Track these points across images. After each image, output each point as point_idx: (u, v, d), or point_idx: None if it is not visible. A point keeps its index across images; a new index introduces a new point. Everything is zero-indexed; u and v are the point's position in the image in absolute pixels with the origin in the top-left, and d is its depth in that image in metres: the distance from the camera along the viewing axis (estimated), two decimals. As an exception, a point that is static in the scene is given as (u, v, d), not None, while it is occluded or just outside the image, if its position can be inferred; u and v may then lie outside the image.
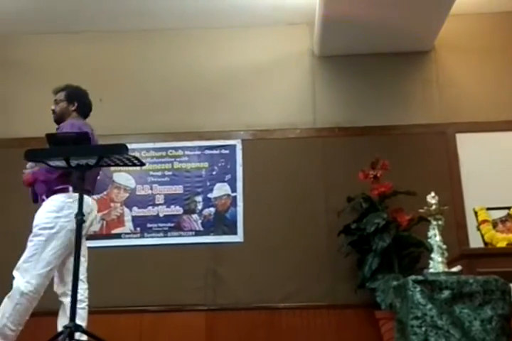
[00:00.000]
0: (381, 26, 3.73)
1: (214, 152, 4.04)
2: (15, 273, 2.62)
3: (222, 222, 3.90)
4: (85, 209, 2.46)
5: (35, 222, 2.71)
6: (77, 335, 2.31)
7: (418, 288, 1.90)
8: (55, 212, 2.71)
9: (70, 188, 2.73)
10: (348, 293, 3.63)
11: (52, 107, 3.03)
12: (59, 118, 2.97)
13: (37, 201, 2.83)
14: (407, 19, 3.67)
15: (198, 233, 3.89)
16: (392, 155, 3.77)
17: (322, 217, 3.84)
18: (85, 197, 2.56)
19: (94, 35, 4.29)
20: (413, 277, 1.95)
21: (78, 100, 3.00)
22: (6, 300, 2.59)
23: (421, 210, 2.21)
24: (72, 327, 2.27)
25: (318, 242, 3.79)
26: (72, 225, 2.46)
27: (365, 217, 3.56)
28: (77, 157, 2.33)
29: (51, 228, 2.68)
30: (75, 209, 2.39)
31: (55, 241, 2.66)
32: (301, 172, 3.97)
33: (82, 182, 2.42)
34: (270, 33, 4.26)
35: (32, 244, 2.66)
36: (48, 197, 2.76)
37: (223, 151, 4.04)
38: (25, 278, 2.58)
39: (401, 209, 3.53)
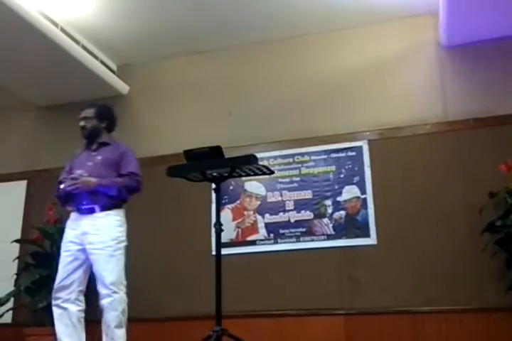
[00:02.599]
0: (510, 7, 3.44)
1: (340, 155, 4.01)
2: (112, 287, 2.87)
3: (353, 225, 3.85)
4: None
5: (107, 237, 2.95)
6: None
7: None
8: (121, 226, 3.03)
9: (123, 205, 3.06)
10: (497, 295, 3.37)
11: (81, 124, 3.18)
12: (90, 135, 3.19)
13: (66, 206, 3.10)
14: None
15: (329, 237, 3.88)
16: (536, 143, 3.45)
17: (462, 215, 3.61)
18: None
19: (215, 53, 4.52)
20: None
21: (108, 118, 3.22)
22: (117, 313, 2.87)
23: None
24: (219, 331, 2.40)
25: (460, 242, 3.57)
26: None
27: (511, 213, 3.30)
28: (212, 170, 2.48)
29: (124, 241, 3.01)
30: None
31: (124, 253, 3.00)
32: (434, 170, 3.78)
33: (219, 193, 2.57)
34: (391, 28, 4.13)
35: (116, 258, 2.93)
36: (102, 209, 2.99)
37: (349, 153, 3.99)
38: (123, 290, 2.91)
39: (552, 202, 3.21)
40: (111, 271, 2.89)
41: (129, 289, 2.98)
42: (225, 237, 3.69)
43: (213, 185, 2.70)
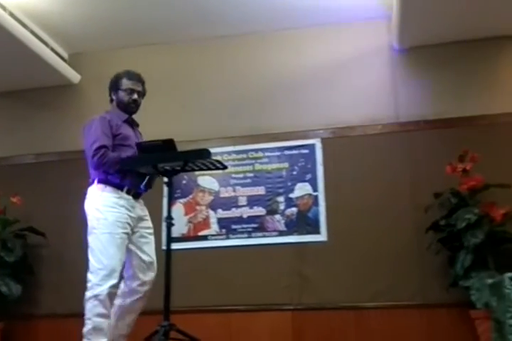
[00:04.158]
0: (465, 11, 3.55)
1: (294, 152, 4.06)
2: (153, 274, 2.76)
3: (304, 222, 3.90)
4: None
5: (151, 224, 2.87)
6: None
7: (516, 287, 1.80)
8: None
9: None
10: (439, 292, 3.50)
11: (136, 97, 2.88)
12: (135, 112, 2.95)
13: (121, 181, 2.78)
14: (491, 2, 3.47)
15: (281, 233, 3.92)
16: (481, 146, 3.59)
17: (409, 214, 3.73)
18: None
19: (172, 45, 4.46)
20: (510, 274, 1.85)
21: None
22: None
23: (516, 204, 2.10)
24: (167, 326, 2.38)
25: (406, 240, 3.69)
26: None
27: (454, 213, 3.42)
28: (164, 163, 2.45)
29: None
30: None
31: None
32: (384, 169, 3.88)
33: (171, 186, 2.55)
34: (347, 30, 4.19)
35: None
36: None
37: (303, 151, 4.04)
38: None
39: (494, 203, 3.35)
40: (155, 257, 2.80)
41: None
42: (176, 232, 3.69)
43: (165, 179, 2.68)
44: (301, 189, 3.96)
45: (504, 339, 1.80)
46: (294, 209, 3.94)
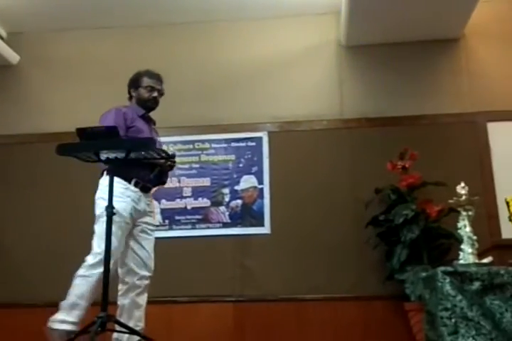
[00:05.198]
0: (409, 14, 3.67)
1: (240, 144, 4.06)
2: (151, 271, 2.89)
3: (249, 214, 3.92)
4: None
5: (155, 221, 2.98)
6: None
7: (448, 280, 1.88)
8: None
9: None
10: (376, 285, 3.61)
11: (156, 95, 2.98)
12: (153, 110, 3.04)
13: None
14: (435, 6, 3.59)
15: (225, 225, 3.92)
16: (421, 145, 3.71)
17: (350, 209, 3.82)
18: None
19: (120, 30, 4.35)
20: (442, 268, 1.93)
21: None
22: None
23: (450, 201, 2.18)
24: (104, 317, 2.33)
25: (346, 234, 3.78)
26: None
27: (393, 209, 3.53)
28: (106, 151, 2.38)
29: None
30: None
31: None
32: (328, 164, 3.95)
33: (113, 175, 2.49)
34: (296, 24, 4.23)
35: None
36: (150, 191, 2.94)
37: (250, 143, 4.05)
38: None
39: (430, 200, 3.48)
40: (153, 255, 2.88)
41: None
42: (117, 222, 3.60)
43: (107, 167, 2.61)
44: (247, 181, 3.97)
45: (435, 331, 1.87)
46: (239, 202, 3.94)
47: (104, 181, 2.75)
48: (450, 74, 4.05)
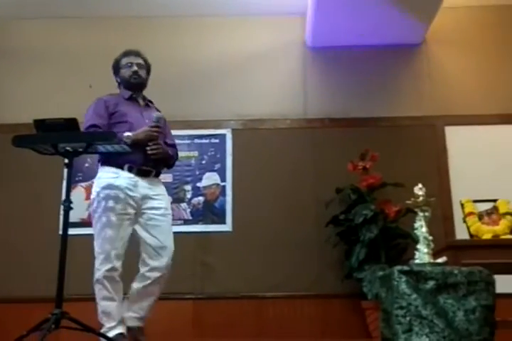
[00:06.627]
0: (373, 18, 3.73)
1: (204, 141, 4.03)
2: (165, 260, 2.75)
3: (210, 211, 3.90)
4: None
5: (167, 204, 2.82)
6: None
7: (403, 278, 1.92)
8: None
9: None
10: (335, 283, 3.66)
11: (136, 68, 2.84)
12: (140, 86, 2.91)
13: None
14: (398, 11, 3.66)
15: (186, 222, 3.89)
16: (381, 146, 3.78)
17: (311, 208, 3.85)
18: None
19: (85, 21, 4.26)
20: (399, 267, 1.96)
21: (149, 74, 2.97)
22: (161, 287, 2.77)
23: (408, 202, 2.23)
24: (59, 314, 2.27)
25: (307, 232, 3.81)
26: None
27: (353, 208, 3.59)
28: (65, 143, 2.32)
29: None
30: None
31: None
32: (291, 163, 3.98)
33: (71, 168, 2.42)
34: (263, 23, 4.23)
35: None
36: (158, 174, 2.83)
37: (213, 140, 4.03)
38: None
39: (389, 200, 3.55)
40: (172, 241, 2.75)
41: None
42: (75, 216, 3.56)
43: (66, 160, 2.54)
44: (209, 178, 3.95)
45: (390, 329, 1.91)
46: (201, 199, 3.92)
47: (98, 174, 2.75)
48: (412, 79, 4.14)
